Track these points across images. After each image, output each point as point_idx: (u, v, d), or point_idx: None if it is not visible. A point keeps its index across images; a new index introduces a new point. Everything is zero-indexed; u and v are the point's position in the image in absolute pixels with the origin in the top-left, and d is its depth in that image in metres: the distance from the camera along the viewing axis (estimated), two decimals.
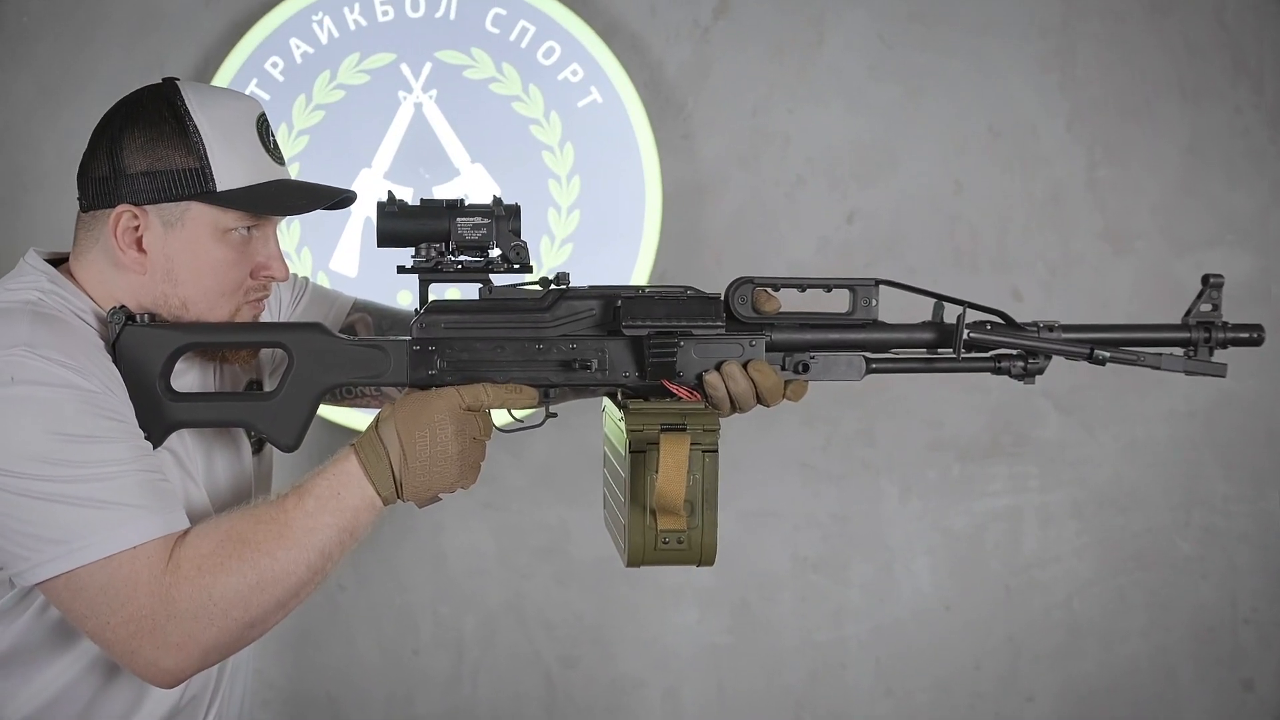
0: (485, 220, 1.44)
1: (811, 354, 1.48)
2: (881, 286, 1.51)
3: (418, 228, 1.45)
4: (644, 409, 1.44)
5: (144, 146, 1.41)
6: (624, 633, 2.94)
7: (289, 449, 1.49)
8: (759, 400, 1.47)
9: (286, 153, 2.55)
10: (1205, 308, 1.48)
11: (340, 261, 2.63)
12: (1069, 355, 1.47)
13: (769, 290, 1.48)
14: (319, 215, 2.51)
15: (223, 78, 2.62)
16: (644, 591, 2.93)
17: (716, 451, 1.41)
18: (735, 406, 1.46)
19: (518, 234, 1.46)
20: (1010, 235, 2.90)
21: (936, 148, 2.88)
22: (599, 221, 2.74)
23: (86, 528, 1.28)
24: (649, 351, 1.45)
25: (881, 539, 2.93)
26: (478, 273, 1.47)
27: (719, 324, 1.44)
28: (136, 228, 1.41)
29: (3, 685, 1.43)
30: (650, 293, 1.47)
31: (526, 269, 1.47)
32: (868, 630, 2.95)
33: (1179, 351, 1.51)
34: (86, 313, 1.42)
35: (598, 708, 2.95)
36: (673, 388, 1.44)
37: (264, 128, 1.48)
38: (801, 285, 1.47)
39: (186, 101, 1.43)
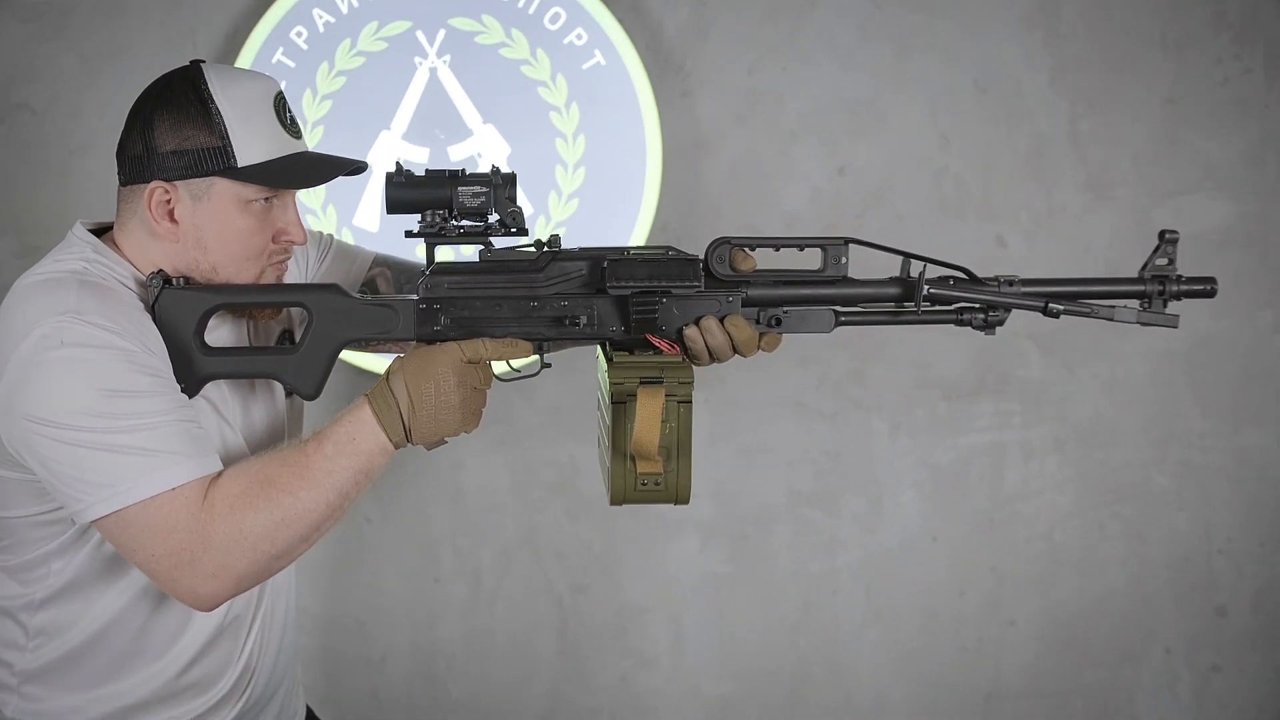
0: (484, 189, 1.53)
1: (785, 309, 1.54)
2: (851, 245, 1.59)
3: (422, 196, 1.54)
4: (626, 363, 1.52)
5: (172, 127, 1.50)
6: (630, 563, 3.02)
7: (309, 398, 1.59)
8: (736, 351, 1.55)
9: (312, 116, 2.66)
10: (1161, 261, 1.51)
11: (363, 218, 2.70)
12: (1025, 308, 1.54)
13: (746, 250, 1.55)
14: (342, 178, 2.68)
15: (250, 47, 2.66)
16: (648, 524, 2.99)
17: (690, 402, 1.49)
18: (714, 358, 1.54)
19: (514, 200, 1.54)
20: (995, 186, 2.94)
21: (924, 104, 2.90)
22: (604, 177, 2.78)
23: (131, 472, 1.41)
24: (632, 309, 1.51)
25: (871, 474, 3.00)
26: (477, 236, 1.56)
27: (696, 283, 1.52)
28: (168, 201, 1.51)
29: (68, 611, 1.58)
30: (634, 255, 1.54)
31: (523, 232, 1.55)
32: (858, 560, 3.03)
33: (1134, 304, 1.56)
34: (128, 278, 1.53)
35: (606, 632, 3.03)
36: (655, 341, 1.52)
37: (281, 105, 1.56)
38: (776, 245, 1.54)
39: (209, 84, 1.51)
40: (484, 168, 2.67)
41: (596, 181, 2.78)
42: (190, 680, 1.64)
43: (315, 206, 2.68)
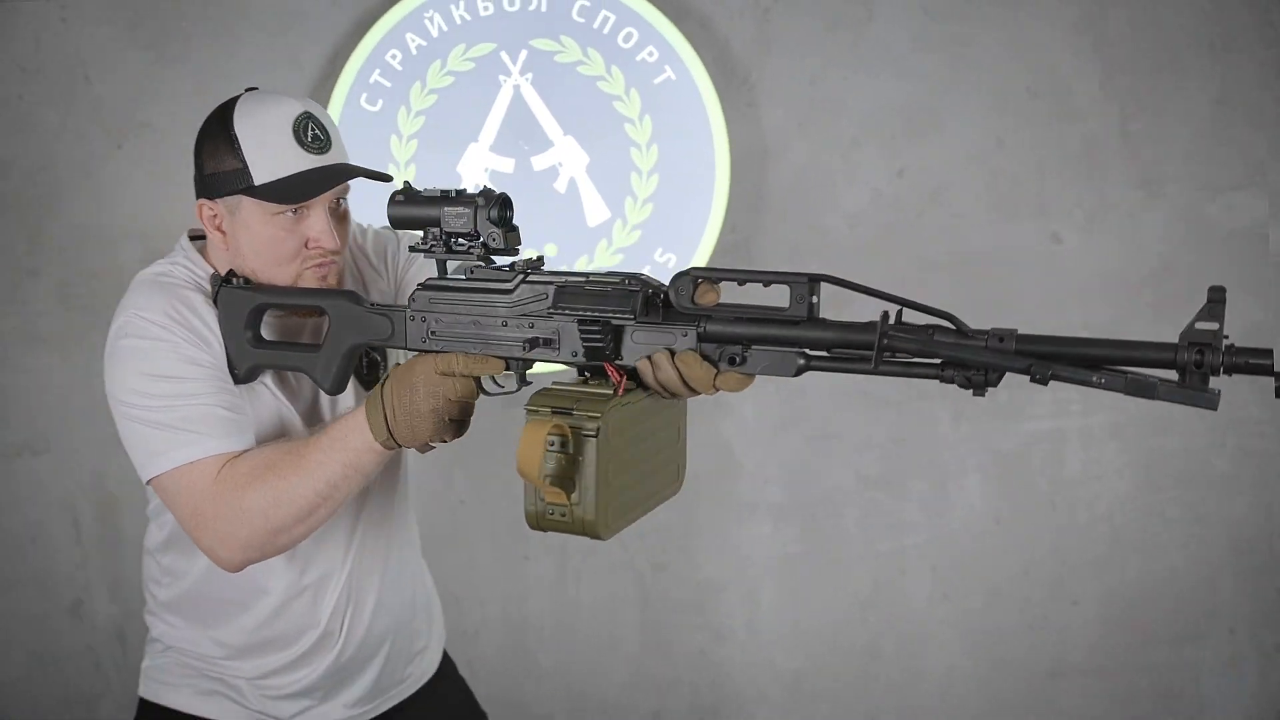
0: (466, 209, 1.52)
1: (743, 348, 1.40)
2: (828, 283, 1.39)
3: (416, 215, 1.57)
4: (553, 390, 1.47)
5: (209, 153, 1.69)
6: (707, 542, 3.13)
7: (330, 393, 1.71)
8: (690, 389, 1.43)
9: (406, 131, 2.88)
10: (1207, 326, 1.17)
11: None
12: (998, 369, 1.30)
13: (712, 283, 1.42)
14: (424, 179, 2.85)
15: (350, 69, 2.86)
16: (724, 506, 3.11)
17: (595, 436, 1.39)
18: (670, 391, 1.44)
19: (503, 222, 1.54)
20: (1048, 185, 3.02)
21: (978, 108, 3.01)
22: (675, 183, 2.93)
23: (164, 445, 1.64)
24: (581, 336, 1.47)
25: (936, 459, 3.10)
26: (464, 254, 1.57)
27: (629, 314, 1.44)
28: (214, 216, 1.71)
29: (180, 558, 1.85)
30: (590, 282, 1.49)
31: (508, 252, 1.56)
32: (925, 541, 3.13)
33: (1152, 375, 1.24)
34: (205, 280, 1.74)
35: (684, 607, 3.15)
36: (609, 369, 1.46)
37: (302, 126, 1.67)
38: (740, 279, 1.39)
39: (235, 113, 1.68)
40: (561, 179, 2.90)
41: (669, 187, 2.94)
42: (270, 635, 1.86)
43: None
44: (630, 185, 2.96)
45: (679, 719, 3.19)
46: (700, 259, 2.95)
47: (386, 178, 1.72)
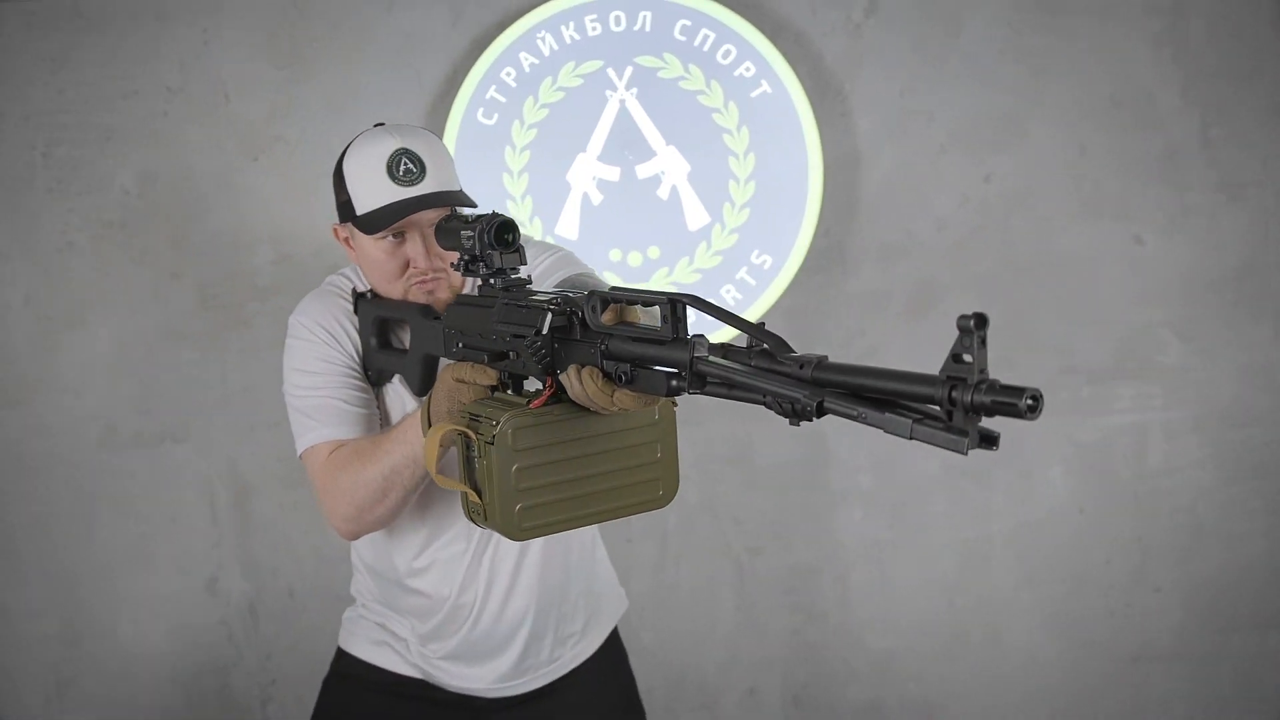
0: (471, 233, 1.61)
1: (630, 365, 1.35)
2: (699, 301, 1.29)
3: (447, 239, 1.68)
4: (488, 400, 1.54)
5: (335, 186, 1.89)
6: (800, 528, 3.24)
7: (417, 394, 1.91)
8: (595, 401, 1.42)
9: (520, 142, 3.04)
10: (962, 359, 0.99)
11: (563, 228, 3.05)
12: (782, 398, 1.14)
13: (625, 302, 1.39)
14: (546, 193, 3.03)
15: (467, 86, 3.01)
16: (816, 493, 3.22)
17: (493, 443, 1.43)
18: (592, 404, 1.42)
19: (500, 244, 1.60)
20: (1131, 189, 3.12)
21: (1062, 117, 3.11)
22: (771, 189, 3.05)
23: (300, 429, 1.93)
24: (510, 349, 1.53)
25: (1020, 450, 3.19)
26: (473, 273, 1.64)
27: (530, 331, 1.45)
28: (346, 238, 1.93)
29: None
30: (528, 300, 1.50)
31: (506, 272, 1.62)
32: (1010, 528, 3.22)
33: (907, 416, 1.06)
34: (361, 289, 2.00)
35: (779, 589, 3.26)
36: (548, 380, 1.47)
37: (394, 163, 1.81)
38: (630, 299, 1.36)
39: (347, 152, 1.87)
40: (664, 186, 3.05)
41: (765, 193, 3.08)
42: (408, 606, 2.07)
43: (524, 218, 3.06)
44: (728, 191, 3.09)
45: (773, 696, 3.30)
46: (795, 261, 3.08)
47: (469, 203, 1.84)
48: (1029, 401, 0.94)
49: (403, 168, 1.82)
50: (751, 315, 3.08)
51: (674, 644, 3.28)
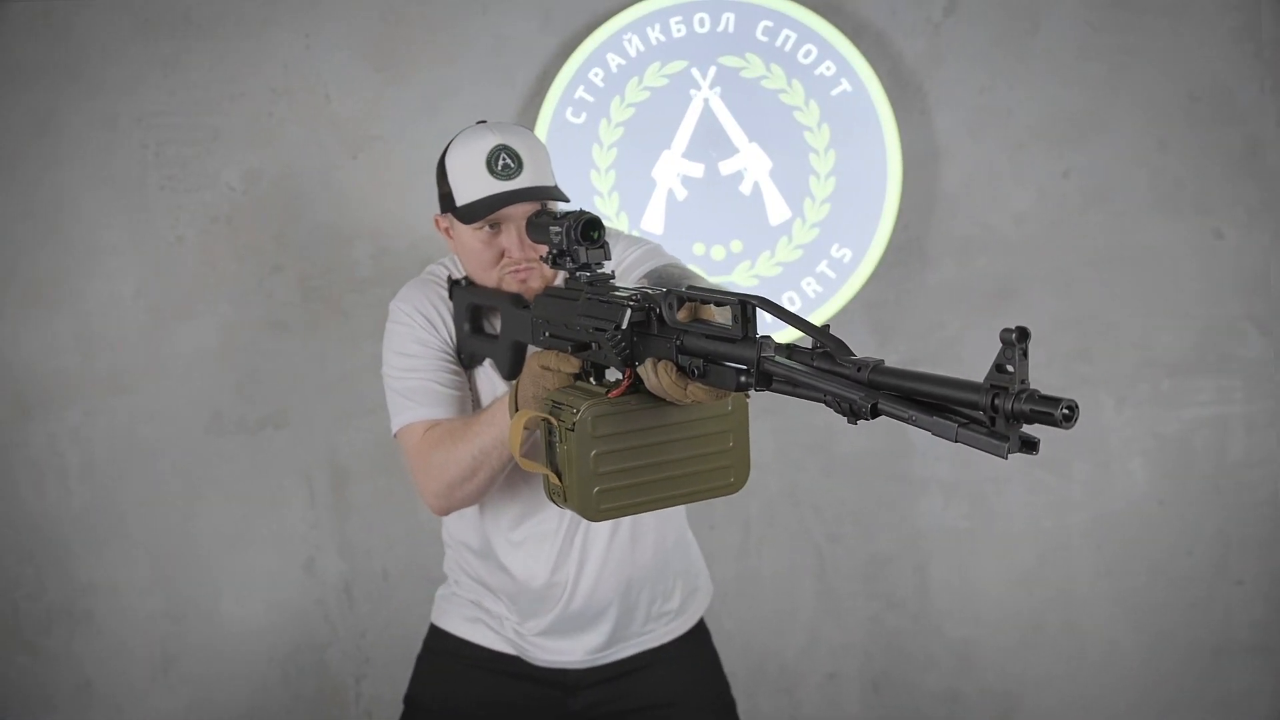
0: (559, 229, 1.70)
1: (702, 361, 1.41)
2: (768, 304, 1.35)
3: (538, 234, 1.79)
4: (571, 388, 1.60)
5: (438, 178, 2.00)
6: (879, 516, 3.28)
7: (506, 379, 2.00)
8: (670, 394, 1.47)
9: (607, 140, 3.12)
10: (1005, 369, 1.06)
11: (649, 222, 3.13)
12: (842, 398, 1.20)
13: (691, 301, 1.44)
14: (632, 189, 3.10)
15: (557, 86, 3.10)
16: (896, 482, 3.26)
17: (574, 430, 1.51)
18: (668, 396, 1.48)
19: (586, 240, 1.68)
20: (1210, 184, 3.14)
21: (1141, 113, 3.13)
22: (852, 184, 3.11)
23: (397, 409, 2.03)
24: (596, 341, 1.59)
25: (1100, 442, 3.21)
26: (562, 267, 1.73)
27: (614, 328, 1.51)
28: (447, 228, 2.02)
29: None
30: (610, 296, 1.57)
31: (590, 266, 1.70)
32: (1089, 520, 3.23)
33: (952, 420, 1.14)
34: (458, 277, 2.10)
35: (858, 577, 3.30)
36: (627, 372, 1.53)
37: (494, 158, 1.91)
38: (694, 298, 1.42)
39: (449, 147, 1.97)
40: (746, 182, 3.12)
41: (846, 188, 3.14)
42: (497, 584, 2.16)
43: (611, 212, 3.15)
44: (809, 187, 3.15)
45: (852, 682, 3.34)
46: (874, 255, 3.13)
47: (562, 198, 1.95)
48: (1064, 411, 1.02)
49: (501, 163, 1.91)
50: (832, 307, 3.15)
51: (755, 628, 3.33)
